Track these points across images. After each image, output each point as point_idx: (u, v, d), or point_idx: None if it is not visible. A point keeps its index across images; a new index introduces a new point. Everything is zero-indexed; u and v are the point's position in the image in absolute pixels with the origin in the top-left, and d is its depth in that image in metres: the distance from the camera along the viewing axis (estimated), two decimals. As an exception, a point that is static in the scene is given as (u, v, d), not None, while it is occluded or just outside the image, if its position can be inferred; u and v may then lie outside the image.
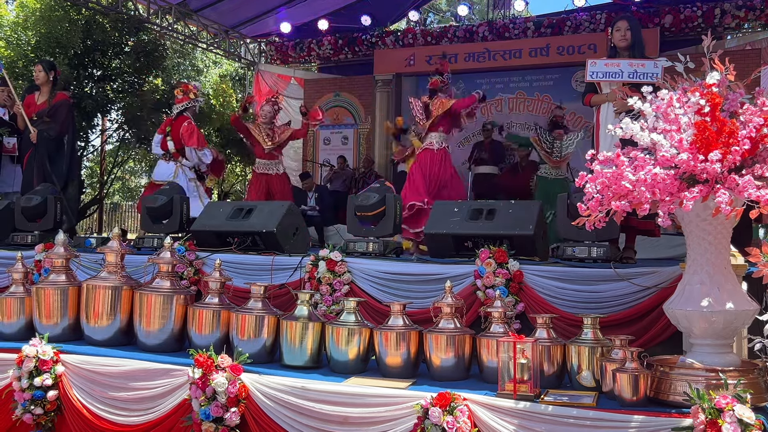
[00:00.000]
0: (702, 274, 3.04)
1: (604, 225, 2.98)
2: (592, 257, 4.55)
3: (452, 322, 3.62)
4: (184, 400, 3.54)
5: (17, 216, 5.98)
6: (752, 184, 2.65)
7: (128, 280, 4.30)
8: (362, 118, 13.04)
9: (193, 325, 3.99)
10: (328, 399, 3.31)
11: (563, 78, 11.74)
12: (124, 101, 12.73)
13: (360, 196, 5.43)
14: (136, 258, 5.06)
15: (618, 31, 5.13)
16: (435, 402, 3.06)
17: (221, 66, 19.61)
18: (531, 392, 3.09)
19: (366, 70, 12.93)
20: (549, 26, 11.73)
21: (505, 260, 4.37)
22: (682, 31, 10.92)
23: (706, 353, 3.04)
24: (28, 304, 4.38)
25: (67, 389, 3.82)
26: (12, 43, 12.18)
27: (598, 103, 5.23)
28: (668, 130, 2.88)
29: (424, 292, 4.52)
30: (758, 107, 2.85)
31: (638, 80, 4.76)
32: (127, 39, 12.43)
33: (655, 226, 4.72)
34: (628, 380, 3.01)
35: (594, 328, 3.51)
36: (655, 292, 4.03)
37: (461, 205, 5.08)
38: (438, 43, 12.40)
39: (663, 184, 2.77)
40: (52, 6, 11.80)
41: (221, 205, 5.82)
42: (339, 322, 3.75)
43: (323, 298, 4.72)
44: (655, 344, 3.93)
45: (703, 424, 2.67)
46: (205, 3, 12.04)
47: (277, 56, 13.90)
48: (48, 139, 6.99)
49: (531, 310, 4.23)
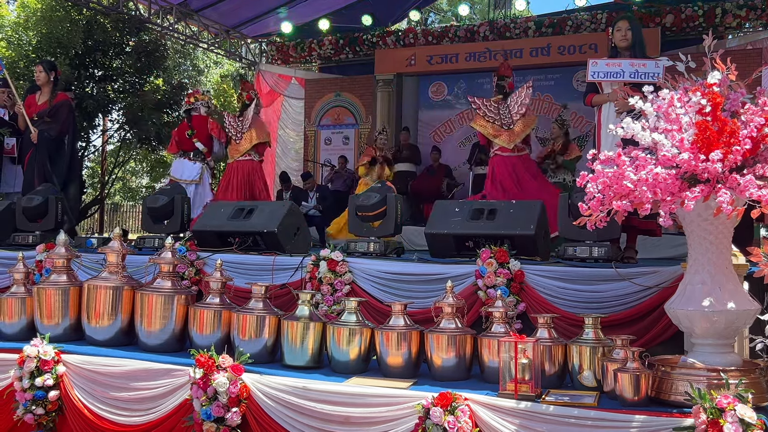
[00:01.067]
0: (703, 273, 3.04)
1: (605, 225, 2.98)
2: (593, 257, 4.55)
3: (453, 322, 3.62)
4: (186, 400, 3.54)
5: (18, 216, 5.98)
6: (753, 183, 2.65)
7: (129, 280, 4.31)
8: (363, 118, 13.04)
9: (195, 325, 3.99)
10: (330, 399, 3.31)
11: (564, 78, 11.74)
12: (125, 101, 12.74)
13: (361, 196, 5.44)
14: (137, 258, 5.06)
15: (619, 31, 5.13)
16: (436, 402, 3.06)
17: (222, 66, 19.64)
18: (532, 392, 3.09)
19: (367, 70, 12.92)
20: (550, 26, 11.72)
21: (506, 260, 4.37)
22: (683, 30, 10.90)
23: (708, 353, 3.03)
24: (29, 305, 4.38)
25: (69, 389, 3.82)
26: (13, 43, 12.20)
27: (600, 102, 5.23)
28: (669, 130, 2.88)
29: (426, 292, 4.52)
30: (759, 107, 2.85)
31: (639, 80, 4.76)
32: (128, 39, 12.44)
33: (657, 225, 4.72)
34: (630, 380, 3.01)
35: (595, 327, 3.51)
36: (657, 292, 4.03)
37: (462, 205, 5.08)
38: (439, 43, 12.39)
39: (664, 183, 2.77)
40: (53, 6, 11.81)
41: (222, 205, 5.82)
42: (340, 322, 3.76)
43: (324, 298, 4.72)
44: (656, 344, 3.93)
45: (704, 424, 2.67)
46: (206, 3, 12.04)
47: (278, 56, 13.90)
48: (49, 139, 6.99)
49: (532, 309, 4.23)
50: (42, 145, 6.96)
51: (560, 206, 4.81)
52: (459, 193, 10.91)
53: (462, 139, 12.38)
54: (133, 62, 12.44)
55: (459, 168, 11.67)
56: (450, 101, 12.65)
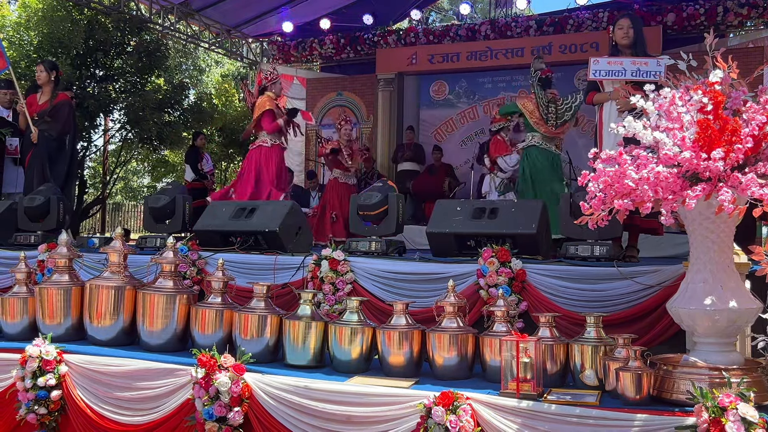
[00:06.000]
0: (705, 272, 3.04)
1: (606, 223, 2.98)
2: (595, 256, 4.54)
3: (455, 321, 3.62)
4: (188, 400, 3.54)
5: (20, 216, 5.99)
6: (755, 182, 2.64)
7: (131, 279, 4.31)
8: (365, 118, 13.04)
9: (196, 324, 3.99)
10: (332, 398, 3.31)
11: (565, 76, 11.71)
12: (126, 101, 12.76)
13: (362, 195, 5.44)
14: (139, 258, 5.06)
15: (620, 29, 5.12)
16: (438, 401, 3.06)
17: (223, 66, 19.65)
18: (534, 391, 3.08)
19: (368, 70, 12.93)
20: (551, 25, 11.71)
21: (507, 259, 4.37)
22: (685, 29, 10.90)
23: (710, 352, 3.03)
24: (31, 304, 4.38)
25: (71, 389, 3.83)
26: (15, 43, 12.22)
27: (601, 101, 5.23)
28: (671, 129, 2.87)
29: (427, 291, 4.52)
30: (761, 105, 2.84)
31: (641, 78, 4.76)
32: (129, 39, 12.46)
33: (658, 224, 4.71)
34: (632, 379, 3.01)
35: (597, 326, 3.50)
36: (658, 291, 4.03)
37: (464, 204, 5.08)
38: (440, 42, 12.40)
39: (666, 182, 2.77)
40: (55, 6, 11.83)
41: (224, 205, 5.83)
42: (342, 322, 3.75)
43: (326, 297, 4.72)
44: (658, 343, 3.93)
45: (706, 423, 2.67)
46: (207, 3, 12.05)
47: (279, 56, 13.90)
48: (49, 139, 6.99)
49: (534, 308, 4.23)
50: (42, 145, 6.96)
51: (562, 205, 4.80)
52: (460, 192, 10.91)
53: (464, 138, 12.38)
54: (135, 62, 12.46)
55: (461, 167, 11.68)
56: (451, 100, 12.65)
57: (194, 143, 12.09)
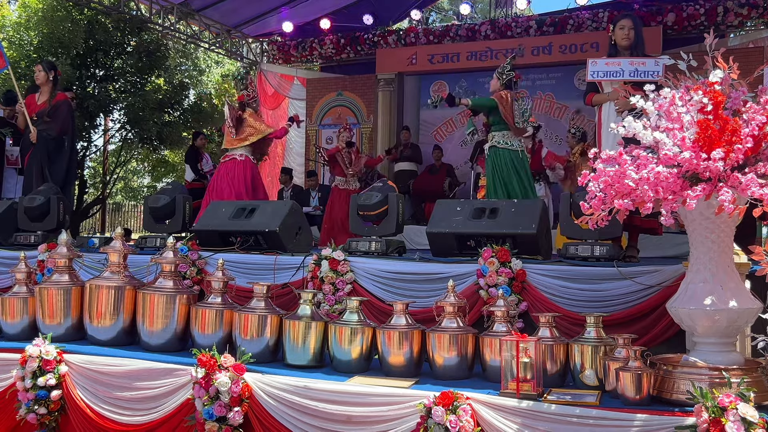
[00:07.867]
0: (705, 272, 3.04)
1: (606, 224, 2.98)
2: (595, 256, 4.54)
3: (455, 321, 3.62)
4: (188, 400, 3.54)
5: (20, 216, 5.99)
6: (755, 182, 2.65)
7: (131, 279, 4.31)
8: (365, 118, 13.04)
9: (196, 324, 4.00)
10: (332, 398, 3.31)
11: (566, 77, 11.74)
12: (126, 101, 12.77)
13: (362, 195, 5.44)
14: (139, 258, 5.06)
15: (622, 29, 5.11)
16: (438, 401, 3.06)
17: (223, 66, 19.64)
18: (534, 391, 3.09)
19: (368, 70, 12.92)
20: (551, 25, 11.71)
21: (507, 259, 4.37)
22: (685, 29, 10.89)
23: (710, 352, 3.03)
24: (31, 304, 4.39)
25: (71, 389, 3.83)
26: (15, 43, 12.22)
27: (600, 102, 5.22)
28: (671, 129, 2.88)
29: (427, 291, 4.52)
30: (761, 105, 2.84)
31: (639, 78, 4.75)
32: (129, 39, 12.47)
33: (658, 224, 4.70)
34: (631, 379, 3.01)
35: (597, 326, 3.50)
36: (658, 291, 4.03)
37: (464, 204, 5.08)
38: (440, 42, 12.39)
39: (666, 182, 2.77)
40: (55, 6, 11.83)
41: (224, 205, 5.83)
42: (342, 322, 3.76)
43: (326, 297, 4.72)
44: (658, 343, 3.93)
45: (706, 423, 2.67)
46: (207, 3, 12.03)
47: (279, 56, 13.90)
48: (48, 139, 6.99)
49: (534, 308, 4.23)
50: (41, 145, 6.97)
51: (562, 205, 4.80)
52: (461, 192, 10.92)
53: (464, 138, 12.37)
54: (135, 62, 12.46)
55: (461, 167, 11.67)
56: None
57: (194, 143, 12.08)
